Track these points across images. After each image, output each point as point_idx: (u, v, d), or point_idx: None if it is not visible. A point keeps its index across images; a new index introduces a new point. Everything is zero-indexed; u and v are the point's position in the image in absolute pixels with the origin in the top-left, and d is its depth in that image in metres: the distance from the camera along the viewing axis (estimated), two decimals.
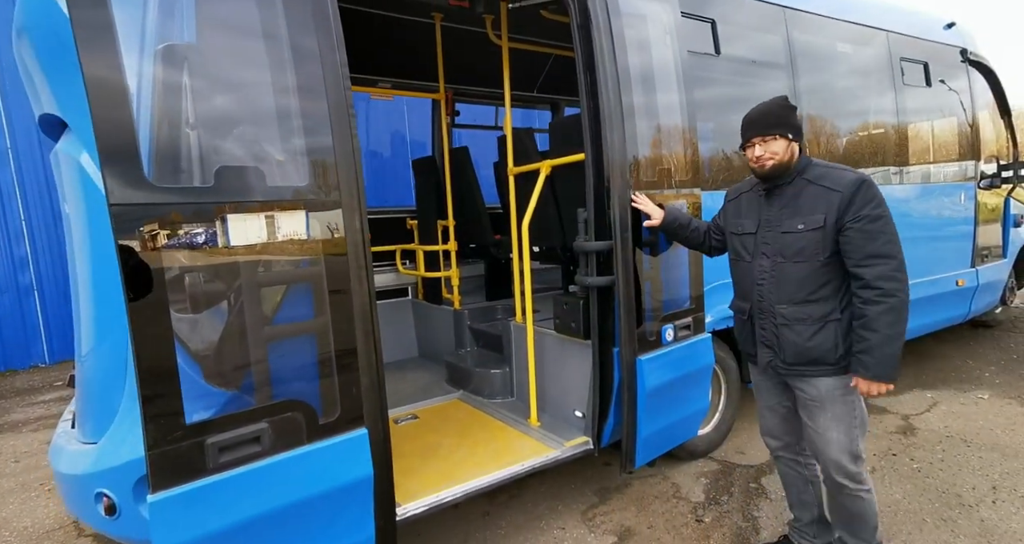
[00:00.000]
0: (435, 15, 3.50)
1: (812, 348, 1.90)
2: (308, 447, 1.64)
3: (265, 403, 1.58)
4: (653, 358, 2.46)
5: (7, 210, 5.69)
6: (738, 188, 2.19)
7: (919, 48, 4.06)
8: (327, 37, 1.69)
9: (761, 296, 1.99)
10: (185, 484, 1.44)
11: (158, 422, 1.40)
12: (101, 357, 1.75)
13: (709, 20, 2.90)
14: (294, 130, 1.65)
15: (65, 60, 1.68)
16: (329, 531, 1.71)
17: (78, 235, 1.81)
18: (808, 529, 2.24)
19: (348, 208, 1.71)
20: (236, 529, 1.53)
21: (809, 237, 1.88)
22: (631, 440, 2.44)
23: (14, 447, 3.72)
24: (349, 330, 1.72)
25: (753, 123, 1.96)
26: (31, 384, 5.27)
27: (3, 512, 2.85)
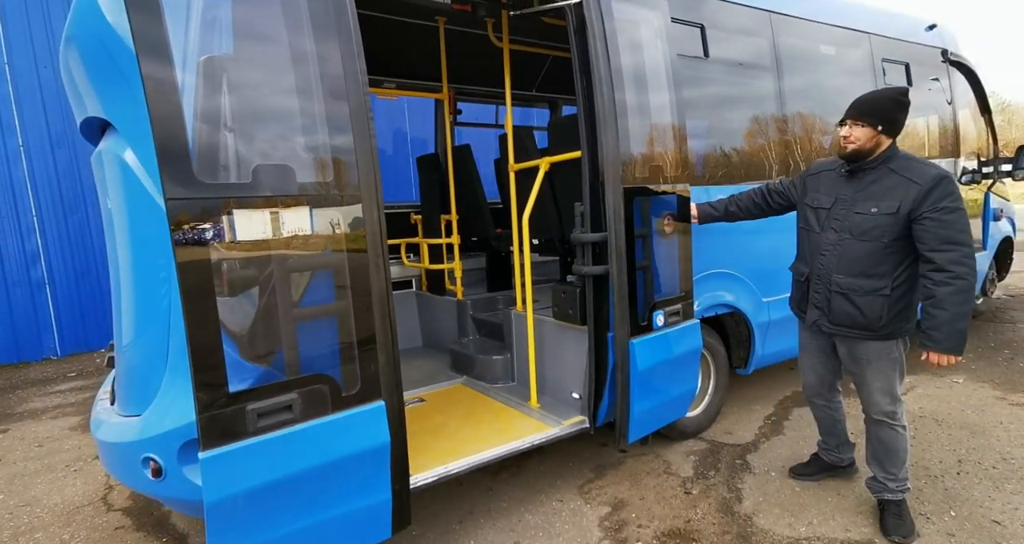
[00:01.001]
0: (439, 19, 3.67)
1: (858, 315, 2.21)
2: (332, 416, 1.82)
3: (295, 376, 1.77)
4: (645, 341, 2.64)
5: (19, 206, 5.83)
6: (820, 164, 2.46)
7: (901, 50, 4.25)
8: (348, 45, 1.86)
9: (822, 265, 2.30)
10: (230, 444, 1.64)
11: (207, 390, 1.60)
12: (144, 340, 1.94)
13: (698, 25, 3.08)
14: (321, 132, 1.83)
15: (111, 67, 1.86)
16: (351, 492, 1.90)
17: (121, 228, 1.99)
18: (835, 449, 2.75)
19: (368, 203, 1.90)
20: (271, 486, 1.72)
21: (880, 220, 2.12)
22: (624, 416, 2.63)
23: (36, 433, 3.90)
24: (368, 312, 1.90)
25: (852, 106, 2.19)
26: (45, 375, 5.44)
27: (33, 491, 3.04)
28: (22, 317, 5.93)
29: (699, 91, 3.15)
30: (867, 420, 2.42)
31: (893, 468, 2.36)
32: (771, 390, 4.04)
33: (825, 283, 2.30)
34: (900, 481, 2.37)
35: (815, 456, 2.85)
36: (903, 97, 2.16)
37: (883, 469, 2.39)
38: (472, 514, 2.64)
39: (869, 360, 2.29)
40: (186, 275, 1.57)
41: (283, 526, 1.77)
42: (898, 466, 2.36)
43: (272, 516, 1.75)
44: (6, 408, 4.46)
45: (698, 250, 3.00)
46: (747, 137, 3.41)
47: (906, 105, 2.17)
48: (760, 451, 3.15)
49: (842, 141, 2.22)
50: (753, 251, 3.31)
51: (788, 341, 3.52)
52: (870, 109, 2.15)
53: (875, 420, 2.36)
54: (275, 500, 1.73)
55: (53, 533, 2.62)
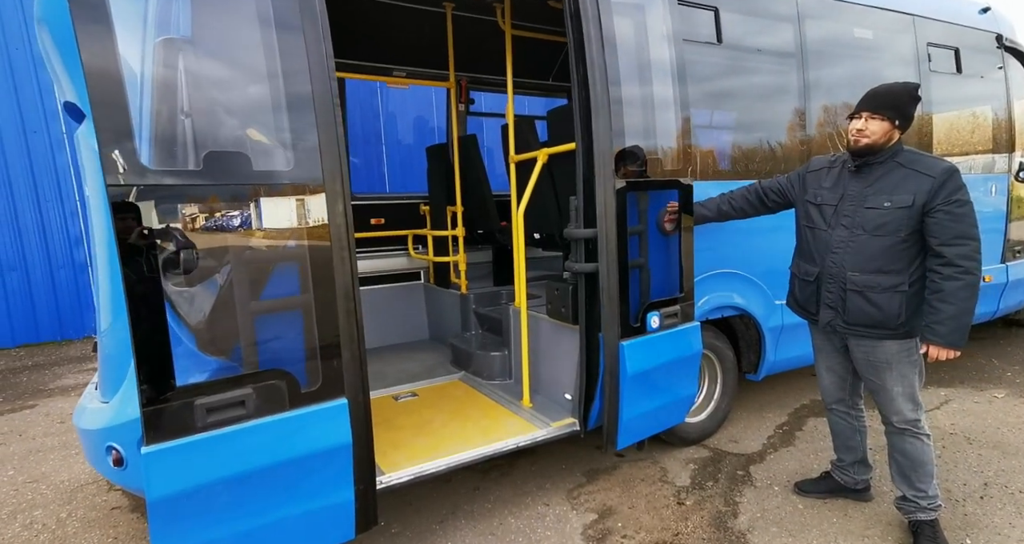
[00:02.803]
0: (446, 5, 3.58)
1: (875, 313, 2.12)
2: (289, 413, 1.77)
3: (251, 371, 1.73)
4: (637, 343, 2.51)
5: (63, 191, 6.10)
6: (821, 161, 2.37)
7: (949, 33, 3.88)
8: (314, 28, 1.78)
9: (833, 262, 2.21)
10: (175, 439, 1.60)
11: (151, 383, 1.56)
12: (113, 328, 1.95)
13: (712, 8, 2.87)
14: (280, 119, 1.77)
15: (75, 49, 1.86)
16: (309, 492, 1.86)
17: (96, 213, 2.00)
18: (850, 468, 2.55)
19: (332, 193, 1.82)
20: (221, 483, 1.68)
21: (894, 214, 2.05)
22: (613, 422, 2.51)
23: (61, 409, 4.08)
24: (331, 308, 1.84)
25: (868, 98, 2.11)
26: (83, 352, 5.71)
27: (43, 467, 3.17)
28: (65, 297, 6.24)
29: (712, 80, 2.95)
30: (888, 432, 2.29)
31: (922, 484, 2.22)
32: (786, 397, 3.81)
33: (839, 282, 2.20)
34: (931, 498, 2.22)
35: (826, 474, 2.66)
36: (917, 92, 2.12)
37: (911, 486, 2.24)
38: (454, 514, 2.59)
39: (889, 363, 2.18)
40: (127, 264, 1.53)
41: (232, 525, 1.74)
42: (926, 481, 2.22)
43: (220, 515, 1.71)
44: (40, 384, 4.70)
45: (704, 249, 2.83)
46: (768, 129, 3.18)
47: (919, 101, 2.14)
48: (765, 462, 2.97)
49: (854, 134, 2.12)
50: (764, 251, 3.10)
51: (804, 347, 3.28)
52: (890, 102, 2.07)
53: (898, 430, 2.24)
54: (224, 498, 1.70)
55: (52, 511, 2.72)
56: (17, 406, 4.16)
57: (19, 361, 5.37)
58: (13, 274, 5.84)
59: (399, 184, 7.63)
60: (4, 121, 5.60)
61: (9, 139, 5.65)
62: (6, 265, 5.79)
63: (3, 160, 5.65)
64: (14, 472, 3.11)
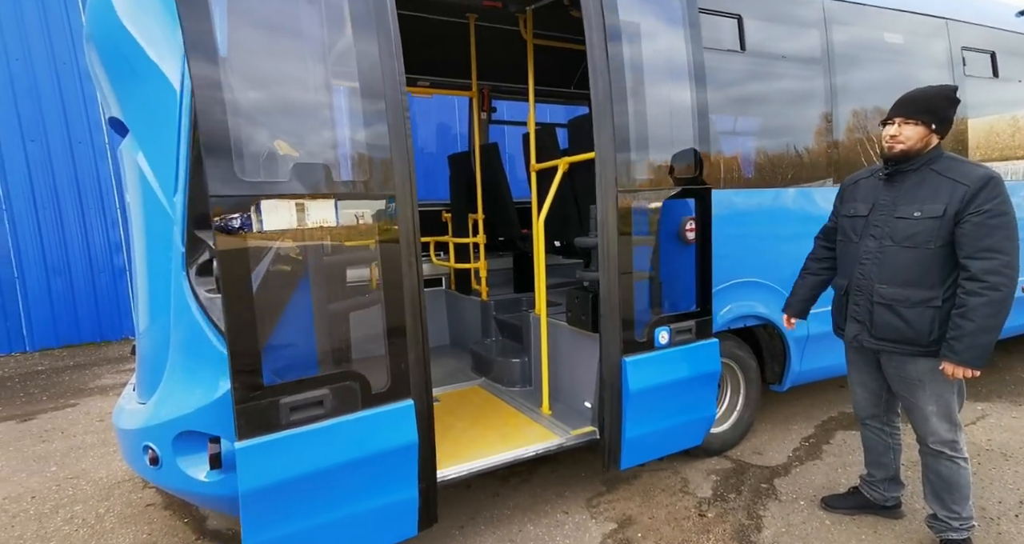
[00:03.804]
0: (469, 16, 3.64)
1: (905, 328, 2.02)
2: (361, 413, 1.87)
3: (327, 372, 1.83)
4: (642, 360, 2.45)
5: (105, 200, 6.36)
6: (856, 175, 2.30)
7: (985, 37, 3.78)
8: (387, 45, 1.88)
9: (862, 274, 2.12)
10: (264, 436, 1.71)
11: (243, 383, 1.67)
12: (152, 330, 2.05)
13: (735, 16, 2.86)
14: (358, 131, 1.87)
15: (125, 68, 1.97)
16: (378, 489, 1.95)
17: (134, 222, 2.10)
18: (880, 484, 2.46)
19: (402, 201, 1.91)
20: (302, 479, 1.78)
21: (924, 225, 1.96)
22: (615, 440, 2.46)
23: (100, 408, 4.25)
24: (400, 310, 1.92)
25: (902, 103, 2.03)
26: (121, 354, 5.93)
27: (83, 464, 3.31)
28: (105, 300, 6.49)
29: (734, 88, 2.94)
30: (923, 451, 2.19)
31: (956, 506, 2.13)
32: (814, 409, 3.73)
33: (866, 294, 2.11)
34: (964, 519, 2.15)
35: (855, 489, 2.58)
36: (954, 94, 2.02)
37: (945, 507, 2.16)
38: (474, 520, 2.61)
39: (921, 381, 2.07)
40: (224, 272, 1.63)
41: (310, 519, 1.84)
42: (961, 503, 2.13)
43: (300, 508, 1.82)
44: (81, 383, 4.90)
45: (726, 257, 2.81)
46: (794, 136, 3.14)
47: (957, 103, 2.03)
48: (791, 476, 2.92)
49: (888, 141, 2.04)
50: (787, 259, 3.03)
51: (832, 358, 3.22)
52: (925, 106, 1.98)
53: (933, 451, 2.13)
54: (305, 493, 1.80)
55: (91, 506, 2.84)
56: (60, 404, 4.35)
57: (61, 361, 5.62)
58: (58, 278, 6.11)
59: (422, 191, 7.69)
60: (52, 133, 5.89)
61: (56, 150, 5.93)
62: (52, 269, 6.06)
63: (50, 170, 5.93)
64: (56, 468, 3.25)
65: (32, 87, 5.72)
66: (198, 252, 1.82)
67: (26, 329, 5.99)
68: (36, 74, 5.73)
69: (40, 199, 5.93)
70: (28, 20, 5.64)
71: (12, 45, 5.60)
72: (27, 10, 5.63)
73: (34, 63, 5.71)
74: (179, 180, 1.83)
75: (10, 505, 2.87)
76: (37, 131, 5.81)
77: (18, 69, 5.64)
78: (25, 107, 5.72)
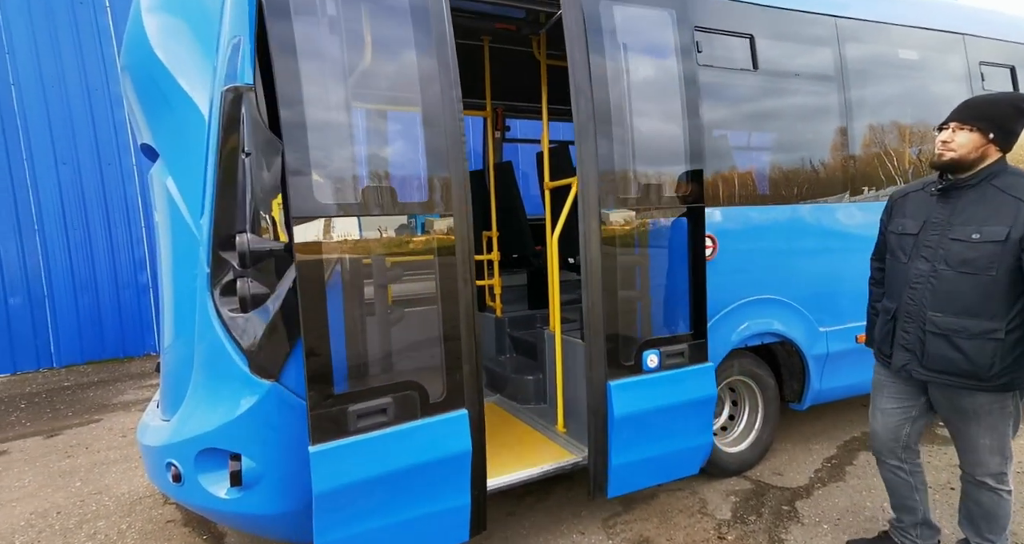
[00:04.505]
0: (484, 38, 3.73)
1: (962, 361, 1.82)
2: (421, 421, 1.96)
3: (390, 382, 1.93)
4: (629, 384, 2.37)
5: (131, 218, 6.55)
6: (906, 188, 2.14)
7: (1003, 50, 3.76)
8: (447, 79, 2.01)
9: (912, 299, 1.93)
10: (334, 440, 1.80)
11: (317, 390, 1.78)
12: (176, 347, 2.10)
13: (747, 35, 2.89)
14: (422, 157, 1.99)
15: (157, 97, 2.06)
16: (436, 494, 2.02)
17: (162, 242, 2.18)
18: (911, 530, 2.23)
19: (459, 221, 2.01)
20: (367, 482, 1.86)
21: (983, 249, 1.77)
22: (601, 467, 2.39)
23: (123, 424, 4.33)
24: (456, 324, 2.01)
25: (960, 107, 1.88)
26: (143, 369, 6.05)
27: (106, 479, 3.37)
28: (129, 316, 6.64)
29: (748, 106, 2.96)
30: (965, 477, 2.05)
31: (992, 535, 2.02)
32: (835, 429, 3.66)
33: (917, 321, 1.91)
34: None
35: (884, 534, 2.34)
36: (1021, 104, 1.83)
37: (979, 534, 2.05)
38: (489, 539, 2.60)
39: (976, 413, 1.89)
40: (303, 286, 1.76)
41: (375, 520, 1.92)
42: (997, 533, 2.02)
43: (366, 510, 1.90)
44: (104, 399, 5.01)
45: (741, 274, 2.80)
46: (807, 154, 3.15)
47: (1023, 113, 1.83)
48: (813, 498, 2.86)
49: (939, 147, 1.86)
50: (806, 275, 3.03)
51: (853, 376, 3.18)
52: (984, 112, 1.81)
53: (977, 482, 1.98)
54: (369, 495, 1.88)
55: (113, 522, 2.88)
56: (84, 420, 4.45)
57: (86, 377, 5.74)
58: (85, 295, 6.27)
59: None
60: (83, 156, 6.11)
61: (87, 172, 6.15)
62: (79, 287, 6.23)
63: (80, 191, 6.14)
64: (80, 483, 3.32)
65: (66, 112, 5.96)
66: (223, 273, 1.87)
67: (53, 345, 6.15)
68: (70, 100, 5.97)
69: (70, 219, 6.13)
70: (64, 49, 5.89)
71: (48, 73, 5.85)
72: (63, 39, 5.89)
73: (68, 89, 5.95)
74: (206, 203, 1.89)
75: (37, 520, 2.93)
76: (69, 154, 6.03)
77: (53, 95, 5.89)
78: (59, 131, 5.95)
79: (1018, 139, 1.84)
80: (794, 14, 3.02)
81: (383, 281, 1.94)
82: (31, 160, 5.85)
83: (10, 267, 5.88)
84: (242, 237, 1.79)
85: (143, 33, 2.03)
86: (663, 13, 2.48)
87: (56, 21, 5.84)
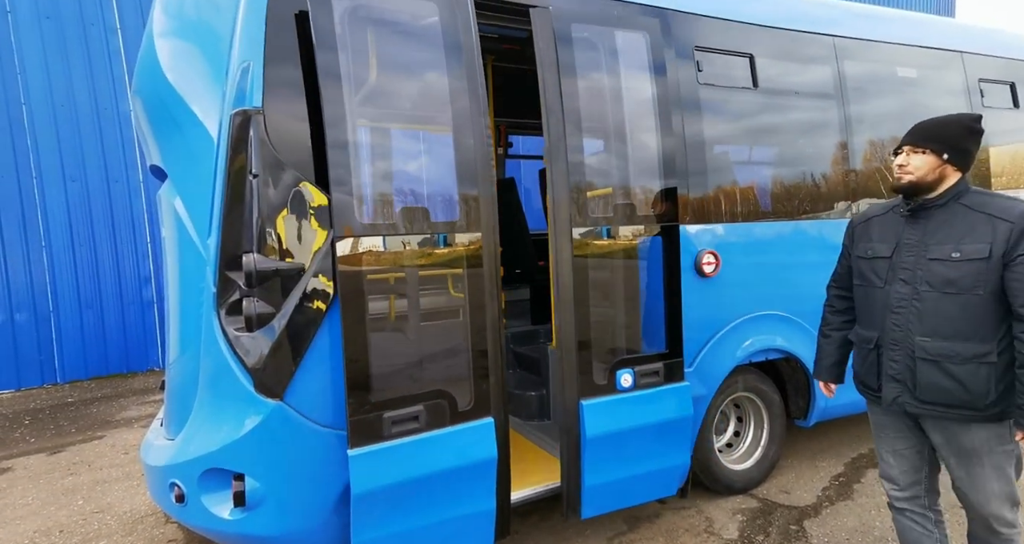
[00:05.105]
0: (488, 56, 3.78)
1: (957, 389, 1.73)
2: (450, 428, 2.04)
3: (421, 390, 2.01)
4: (602, 404, 2.34)
5: (136, 234, 6.60)
6: (867, 212, 2.06)
7: (1002, 67, 3.80)
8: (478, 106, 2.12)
9: (897, 325, 1.83)
10: (371, 445, 1.90)
11: (356, 397, 1.88)
12: (182, 368, 2.11)
13: (747, 55, 2.93)
14: (453, 180, 2.11)
15: (167, 119, 2.10)
16: (462, 499, 2.09)
17: (171, 263, 2.20)
18: None
19: (487, 239, 2.10)
20: (401, 485, 1.95)
21: (966, 268, 1.72)
22: (574, 487, 2.36)
23: (126, 441, 4.32)
24: (483, 336, 2.10)
25: (911, 131, 1.88)
26: (146, 385, 6.05)
27: (108, 498, 3.35)
28: (133, 332, 6.66)
29: (749, 123, 2.99)
30: (972, 524, 1.91)
31: None
32: (842, 445, 3.63)
33: (905, 349, 1.80)
34: None
35: None
36: (976, 124, 1.84)
37: None
38: None
39: (978, 454, 1.77)
40: (346, 298, 1.87)
41: (407, 522, 2.00)
42: None
43: (399, 513, 1.98)
44: (107, 415, 5.00)
45: (743, 289, 2.81)
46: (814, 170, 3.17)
47: (979, 133, 1.85)
48: (821, 517, 2.83)
49: (897, 171, 1.86)
50: (808, 290, 2.99)
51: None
52: (934, 134, 1.82)
53: (990, 529, 1.85)
54: (403, 498, 1.96)
55: (115, 541, 2.87)
56: (88, 437, 4.44)
57: (90, 393, 5.75)
58: (89, 311, 6.30)
59: None
60: (91, 172, 6.18)
61: (94, 189, 6.21)
62: (84, 303, 6.26)
63: (88, 208, 6.20)
64: (83, 502, 3.30)
65: (75, 131, 6.04)
66: (229, 292, 1.89)
67: (58, 361, 6.16)
68: (79, 119, 6.06)
69: (77, 235, 6.18)
70: (75, 69, 6.00)
71: (58, 93, 5.95)
72: (74, 60, 6.00)
73: (78, 108, 6.04)
74: (213, 223, 1.92)
75: (40, 539, 2.91)
76: (78, 172, 6.10)
77: (63, 114, 5.98)
78: (67, 149, 6.03)
79: (974, 158, 1.86)
80: (793, 34, 3.07)
81: (415, 295, 2.05)
82: (40, 178, 5.92)
83: (17, 283, 5.91)
84: (248, 257, 1.80)
85: (155, 57, 2.08)
86: (635, 35, 2.51)
87: (68, 43, 5.95)
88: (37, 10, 5.80)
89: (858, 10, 3.56)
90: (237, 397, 1.88)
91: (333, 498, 1.97)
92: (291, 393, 1.88)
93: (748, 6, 2.98)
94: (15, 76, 5.76)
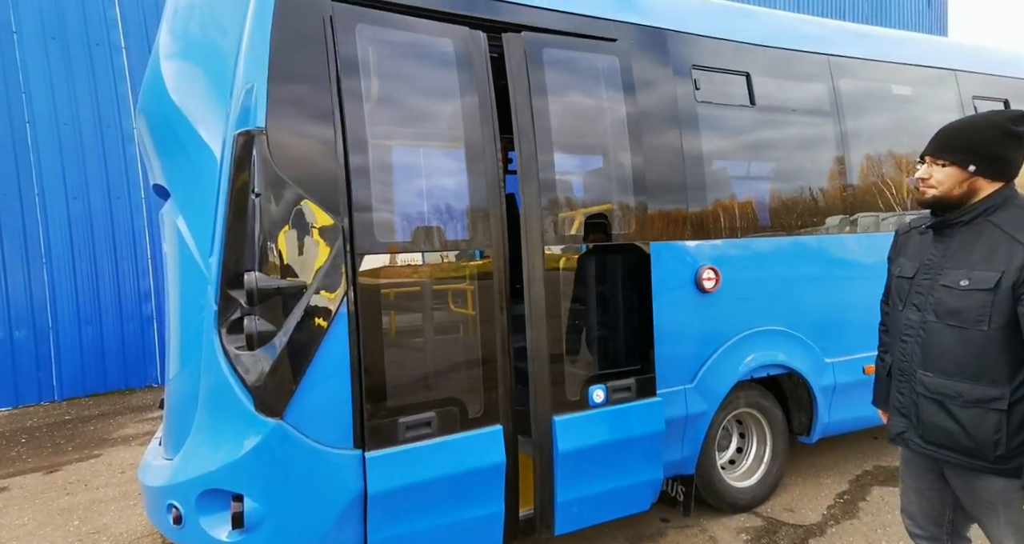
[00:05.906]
0: None
1: (960, 434, 1.51)
2: (461, 434, 2.12)
3: (433, 397, 2.10)
4: (574, 419, 2.34)
5: (137, 250, 6.61)
6: (912, 222, 1.79)
7: (996, 85, 3.85)
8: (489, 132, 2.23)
9: (904, 354, 1.64)
10: (387, 448, 1.98)
11: (372, 403, 1.97)
12: (182, 387, 2.10)
13: (743, 74, 2.97)
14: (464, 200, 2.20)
15: (171, 139, 2.12)
16: (473, 502, 2.16)
17: (172, 282, 2.20)
18: None
19: (496, 255, 2.18)
20: (414, 487, 2.02)
21: (972, 298, 1.48)
22: (547, 504, 2.35)
23: (123, 459, 4.28)
24: (493, 346, 2.18)
25: (935, 137, 1.61)
26: (145, 402, 6.00)
27: (104, 518, 3.31)
28: (132, 348, 6.63)
29: (746, 139, 3.02)
30: None
31: None
32: (847, 462, 3.59)
33: (908, 380, 1.62)
34: None
35: None
36: (1013, 125, 1.51)
37: None
38: None
39: (993, 506, 1.55)
40: (362, 312, 1.95)
41: (421, 522, 2.07)
42: None
43: (413, 513, 2.05)
44: (104, 433, 4.96)
45: (746, 304, 2.81)
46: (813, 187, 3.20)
47: (1017, 136, 1.51)
48: (827, 536, 2.79)
49: (919, 185, 1.61)
50: (810, 305, 3.03)
51: (863, 408, 3.08)
52: (958, 142, 1.54)
53: None
54: (416, 499, 2.03)
55: None
56: (84, 455, 4.40)
57: (87, 410, 5.70)
58: (89, 327, 6.28)
59: None
60: (94, 191, 6.21)
61: (96, 207, 6.24)
62: (84, 319, 6.24)
63: (90, 225, 6.22)
64: (79, 522, 3.26)
65: (78, 149, 6.09)
66: (230, 310, 1.89)
67: (56, 378, 6.12)
68: (83, 137, 6.10)
69: (78, 252, 6.19)
70: (79, 89, 6.06)
71: (63, 112, 6.00)
72: (79, 79, 6.06)
73: (82, 127, 6.09)
74: (215, 242, 1.93)
75: None
76: (80, 189, 6.14)
77: (66, 133, 6.03)
78: (71, 167, 6.06)
79: (1017, 164, 1.55)
80: (789, 53, 3.11)
81: (429, 308, 2.15)
82: (42, 195, 5.95)
83: (16, 300, 5.90)
84: (250, 275, 1.80)
85: (160, 78, 2.11)
86: (605, 58, 2.52)
87: (72, 62, 6.03)
88: (43, 30, 5.88)
89: (853, 30, 3.63)
90: (237, 416, 1.86)
91: (332, 518, 1.94)
92: (291, 412, 1.87)
93: (745, 26, 3.03)
94: (20, 95, 5.82)
